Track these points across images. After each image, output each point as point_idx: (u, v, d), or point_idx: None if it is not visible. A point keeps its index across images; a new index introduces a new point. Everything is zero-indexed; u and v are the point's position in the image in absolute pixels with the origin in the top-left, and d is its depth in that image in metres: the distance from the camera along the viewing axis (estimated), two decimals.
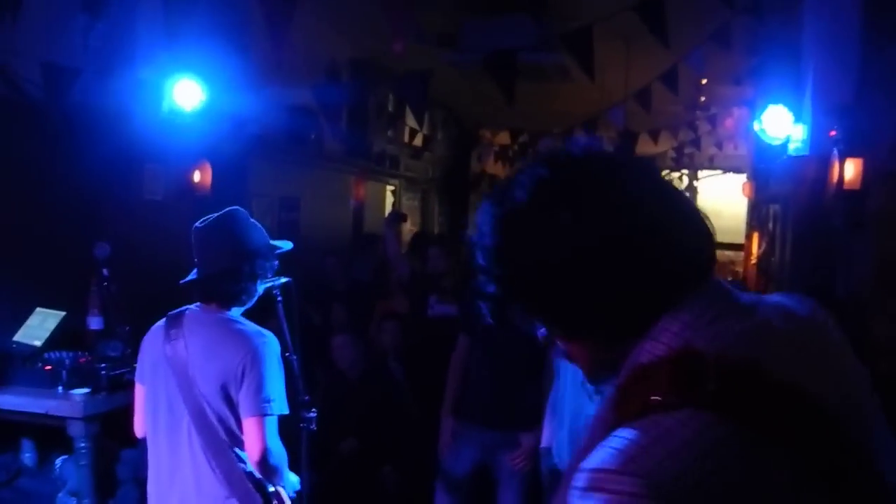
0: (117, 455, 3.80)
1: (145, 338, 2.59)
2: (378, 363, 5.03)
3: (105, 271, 2.88)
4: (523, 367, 3.69)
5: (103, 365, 3.55)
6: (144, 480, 3.70)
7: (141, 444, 3.72)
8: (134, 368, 3.31)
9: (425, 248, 6.65)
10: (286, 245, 2.61)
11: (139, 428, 2.66)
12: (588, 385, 3.14)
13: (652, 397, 0.84)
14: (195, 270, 2.51)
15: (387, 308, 5.80)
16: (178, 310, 2.53)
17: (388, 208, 10.22)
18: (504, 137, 11.25)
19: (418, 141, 9.59)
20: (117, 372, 3.52)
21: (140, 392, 2.61)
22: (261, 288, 2.56)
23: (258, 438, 2.35)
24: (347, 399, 4.63)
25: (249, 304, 2.57)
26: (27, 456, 3.91)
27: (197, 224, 2.51)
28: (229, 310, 2.50)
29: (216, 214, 2.52)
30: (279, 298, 2.63)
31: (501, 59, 4.40)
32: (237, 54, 5.37)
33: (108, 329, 4.17)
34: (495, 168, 12.76)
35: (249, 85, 5.60)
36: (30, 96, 4.22)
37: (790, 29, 5.62)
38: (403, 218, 7.28)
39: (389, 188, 10.24)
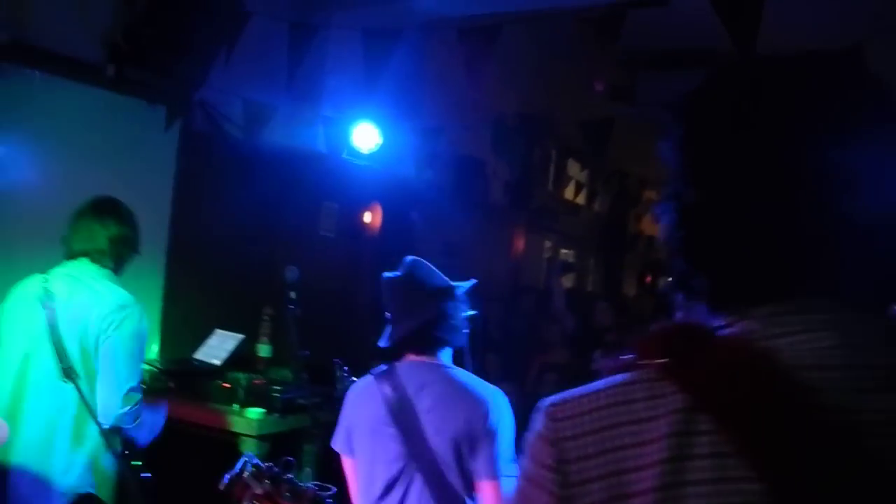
0: None
1: (349, 397, 2.47)
2: None
3: (293, 294, 2.96)
4: None
5: (277, 388, 3.65)
6: None
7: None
8: (307, 393, 3.36)
9: (582, 303, 6.50)
10: (469, 284, 2.53)
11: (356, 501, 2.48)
12: None
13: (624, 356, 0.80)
14: (396, 324, 2.39)
15: (546, 360, 5.68)
16: (383, 366, 2.42)
17: (545, 263, 10.15)
18: None
19: (581, 199, 9.49)
20: (290, 396, 3.61)
21: (349, 465, 2.46)
22: None
23: (495, 501, 2.25)
24: None
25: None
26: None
27: (386, 275, 2.43)
28: (438, 355, 2.40)
29: (401, 267, 2.43)
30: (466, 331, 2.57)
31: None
32: (414, 102, 5.53)
33: (277, 356, 4.30)
34: (654, 229, 12.35)
35: (423, 132, 5.75)
36: (226, 131, 4.50)
37: None
38: (571, 268, 7.13)
39: (547, 243, 10.18)
